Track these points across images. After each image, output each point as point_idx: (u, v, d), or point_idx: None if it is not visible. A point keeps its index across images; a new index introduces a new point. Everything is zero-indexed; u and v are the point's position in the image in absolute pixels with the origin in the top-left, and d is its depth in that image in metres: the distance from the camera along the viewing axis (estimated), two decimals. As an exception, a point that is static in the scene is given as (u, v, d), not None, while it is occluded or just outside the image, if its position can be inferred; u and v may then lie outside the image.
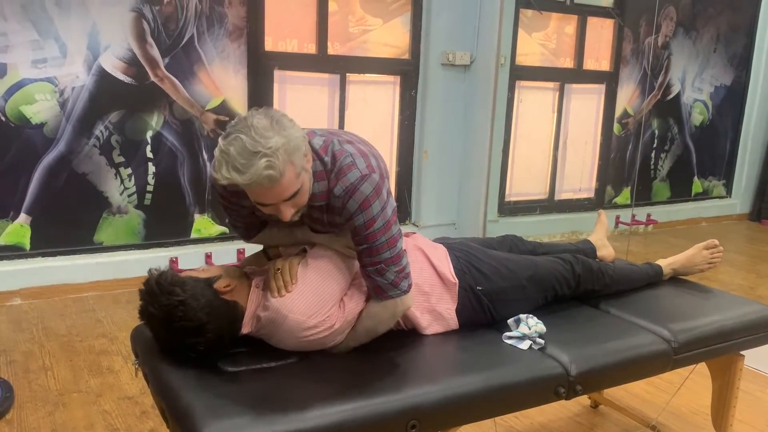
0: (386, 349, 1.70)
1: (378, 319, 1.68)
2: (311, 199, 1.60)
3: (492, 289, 1.88)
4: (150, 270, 1.59)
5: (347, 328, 1.66)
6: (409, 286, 1.67)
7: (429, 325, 1.82)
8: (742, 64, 6.03)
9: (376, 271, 1.61)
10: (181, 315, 1.51)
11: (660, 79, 5.58)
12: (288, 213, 1.55)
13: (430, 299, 1.82)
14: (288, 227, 1.75)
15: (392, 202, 1.64)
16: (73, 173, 3.56)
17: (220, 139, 1.48)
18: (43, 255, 3.57)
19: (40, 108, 3.43)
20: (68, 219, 3.59)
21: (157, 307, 1.53)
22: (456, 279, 1.85)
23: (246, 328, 1.65)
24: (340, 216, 1.62)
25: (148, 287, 1.56)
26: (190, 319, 1.52)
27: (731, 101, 6.07)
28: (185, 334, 1.53)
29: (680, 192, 5.99)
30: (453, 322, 1.85)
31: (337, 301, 1.64)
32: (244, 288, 1.67)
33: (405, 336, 1.79)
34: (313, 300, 1.60)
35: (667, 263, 2.36)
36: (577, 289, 2.09)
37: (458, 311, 1.85)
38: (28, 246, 3.53)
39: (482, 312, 1.88)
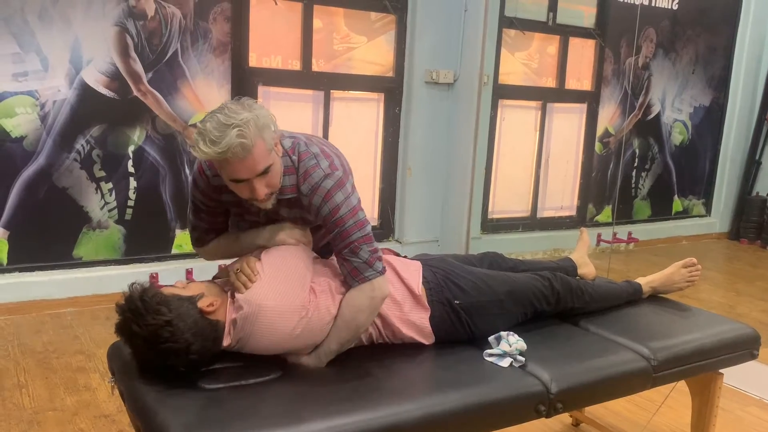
0: (365, 367, 1.69)
1: (357, 307, 1.70)
2: (281, 191, 1.72)
3: (470, 303, 1.89)
4: (130, 286, 1.56)
5: (322, 323, 1.67)
6: (384, 269, 1.73)
7: (406, 331, 1.82)
8: (720, 85, 6.13)
9: (350, 251, 1.69)
10: (167, 336, 1.50)
11: (641, 99, 5.66)
12: (261, 190, 1.64)
13: (403, 308, 1.83)
14: (235, 235, 1.87)
15: (356, 195, 1.74)
16: (53, 187, 3.52)
17: (197, 123, 1.64)
18: (21, 270, 3.51)
19: (20, 121, 3.40)
20: (47, 234, 3.55)
21: (143, 326, 1.50)
22: (421, 291, 1.86)
23: (226, 340, 1.63)
24: (309, 212, 1.75)
25: (131, 304, 1.52)
26: (176, 341, 1.50)
27: (710, 121, 6.16)
28: (170, 355, 1.51)
29: (661, 210, 6.05)
30: (428, 331, 1.85)
31: (304, 280, 1.68)
32: (224, 304, 1.66)
33: (384, 353, 1.79)
34: (281, 282, 1.64)
35: (646, 281, 2.38)
36: (557, 306, 2.10)
37: (437, 325, 1.85)
38: (5, 261, 3.48)
39: (461, 326, 1.88)
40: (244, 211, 1.84)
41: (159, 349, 1.51)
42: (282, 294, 1.62)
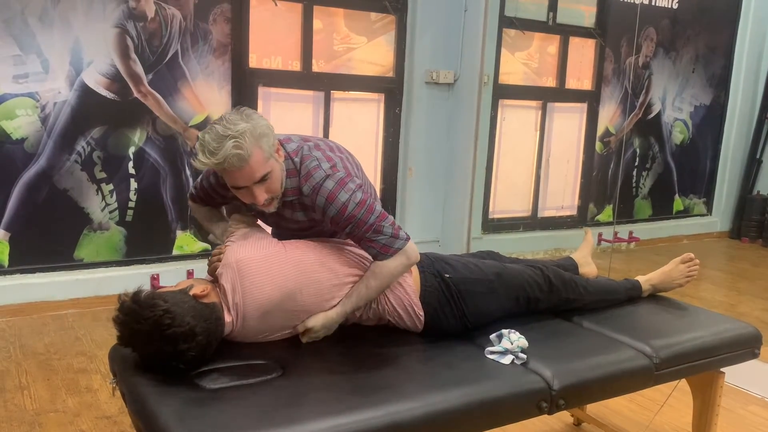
0: (367, 366, 1.70)
1: (391, 273, 1.78)
2: (284, 194, 1.78)
3: (460, 279, 1.94)
4: (120, 295, 1.60)
5: (311, 260, 1.75)
6: (408, 236, 1.78)
7: (390, 292, 1.85)
8: (721, 84, 6.13)
9: (374, 231, 1.75)
10: (169, 322, 1.53)
11: (641, 98, 5.66)
12: (261, 196, 1.71)
13: None
14: (209, 218, 2.03)
15: (361, 191, 1.77)
16: (54, 189, 3.53)
17: (199, 134, 1.69)
18: (22, 272, 3.51)
19: (20, 123, 3.40)
20: (48, 235, 3.55)
21: (143, 321, 1.53)
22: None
23: (228, 316, 1.69)
24: (315, 212, 1.79)
25: (126, 308, 1.56)
26: (179, 325, 1.54)
27: (710, 120, 6.16)
28: (177, 340, 1.54)
29: (662, 210, 6.05)
30: (414, 296, 1.87)
31: (269, 236, 1.80)
32: (215, 290, 1.73)
33: (386, 352, 1.79)
34: (246, 240, 1.76)
35: (645, 279, 2.37)
36: (550, 294, 2.10)
37: (429, 295, 1.89)
38: (6, 263, 3.48)
39: (453, 302, 1.90)
40: (248, 209, 1.91)
41: (165, 335, 1.53)
42: (250, 245, 1.72)
